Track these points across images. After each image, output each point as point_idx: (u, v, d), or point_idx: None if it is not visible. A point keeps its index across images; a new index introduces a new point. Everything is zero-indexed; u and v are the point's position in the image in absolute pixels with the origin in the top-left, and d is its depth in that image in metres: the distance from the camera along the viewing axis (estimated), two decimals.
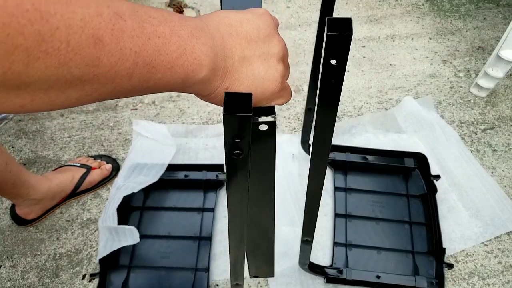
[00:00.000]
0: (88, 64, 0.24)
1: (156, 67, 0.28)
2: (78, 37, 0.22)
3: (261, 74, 0.34)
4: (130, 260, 0.99)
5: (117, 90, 0.27)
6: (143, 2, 1.65)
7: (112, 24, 0.24)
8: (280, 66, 0.36)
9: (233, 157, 0.34)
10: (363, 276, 0.95)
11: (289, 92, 0.38)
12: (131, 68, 0.26)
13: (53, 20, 0.21)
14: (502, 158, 1.20)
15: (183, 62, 0.29)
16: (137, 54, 0.26)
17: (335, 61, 0.36)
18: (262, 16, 0.36)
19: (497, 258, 1.02)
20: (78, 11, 0.22)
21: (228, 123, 0.31)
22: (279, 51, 0.36)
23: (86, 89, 0.25)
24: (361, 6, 1.65)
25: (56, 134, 1.25)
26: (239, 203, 0.41)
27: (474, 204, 1.09)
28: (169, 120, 1.28)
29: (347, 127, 1.25)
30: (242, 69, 0.33)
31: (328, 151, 0.49)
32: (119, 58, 0.25)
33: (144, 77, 0.27)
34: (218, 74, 0.32)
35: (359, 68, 1.43)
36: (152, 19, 0.27)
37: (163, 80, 0.29)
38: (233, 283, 0.64)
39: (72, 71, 0.23)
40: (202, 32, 0.31)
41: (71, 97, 0.25)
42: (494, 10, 1.64)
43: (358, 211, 1.07)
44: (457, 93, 1.36)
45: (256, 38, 0.34)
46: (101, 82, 0.25)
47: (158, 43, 0.27)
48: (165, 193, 1.10)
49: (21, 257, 1.02)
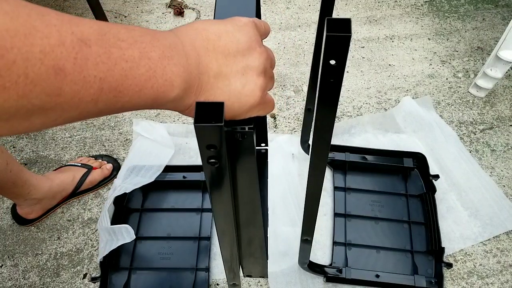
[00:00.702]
0: (50, 94, 0.23)
1: (123, 92, 0.27)
2: (38, 69, 0.22)
3: (238, 89, 0.33)
4: (131, 262, 0.99)
5: (83, 115, 0.27)
6: (143, 5, 1.66)
7: (75, 52, 0.24)
8: (260, 79, 0.35)
9: (209, 165, 0.33)
10: (363, 275, 0.96)
11: (270, 104, 0.37)
12: (95, 94, 0.25)
13: (9, 55, 0.21)
14: (501, 158, 1.21)
15: (153, 85, 0.28)
16: (102, 80, 0.25)
17: (335, 61, 0.37)
18: (243, 28, 0.34)
19: (496, 257, 1.02)
20: (37, 42, 0.22)
21: (200, 133, 0.30)
22: (259, 65, 0.34)
23: (50, 116, 0.25)
24: (361, 7, 1.66)
25: (57, 134, 1.25)
26: (223, 209, 0.41)
27: (473, 203, 1.10)
28: (170, 120, 1.28)
29: (347, 127, 1.26)
30: (218, 85, 0.33)
31: (327, 151, 0.50)
32: (82, 86, 0.24)
33: (111, 101, 0.27)
34: (192, 92, 0.32)
35: (358, 69, 1.43)
36: (121, 42, 0.27)
37: (131, 102, 0.28)
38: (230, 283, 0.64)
39: (32, 102, 0.23)
40: (175, 51, 0.30)
41: (35, 123, 0.25)
42: (493, 10, 1.64)
43: (357, 210, 1.08)
44: (456, 94, 1.37)
45: (234, 53, 0.33)
46: (65, 109, 0.25)
47: (125, 68, 0.26)
48: (163, 194, 1.10)
49: (22, 256, 1.02)
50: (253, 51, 0.34)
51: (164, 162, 1.11)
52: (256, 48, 0.35)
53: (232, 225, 0.45)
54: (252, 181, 0.41)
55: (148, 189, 1.09)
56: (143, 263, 0.99)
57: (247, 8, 0.42)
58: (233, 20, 0.35)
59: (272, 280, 0.97)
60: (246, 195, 0.43)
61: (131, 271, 0.98)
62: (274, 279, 0.96)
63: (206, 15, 1.63)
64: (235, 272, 0.59)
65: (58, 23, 0.23)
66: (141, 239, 1.02)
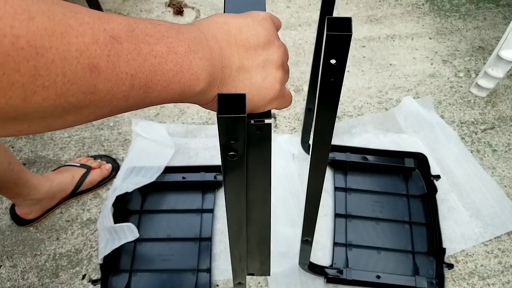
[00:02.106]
0: (85, 92, 0.24)
1: (152, 87, 0.27)
2: (74, 68, 0.22)
3: (259, 82, 0.34)
4: (131, 264, 0.98)
5: (114, 111, 0.27)
6: (143, 4, 1.65)
7: (108, 49, 0.24)
8: (279, 73, 0.35)
9: (228, 158, 0.34)
10: (363, 276, 0.95)
11: (288, 98, 0.38)
12: (127, 91, 0.26)
13: (48, 55, 0.21)
14: (502, 158, 1.20)
15: (180, 79, 0.29)
16: (133, 77, 0.26)
17: (335, 60, 0.36)
18: (262, 22, 0.35)
19: (497, 258, 1.02)
20: (73, 41, 0.22)
21: (222, 124, 0.30)
22: (278, 58, 0.35)
23: (83, 113, 0.25)
24: (361, 6, 1.65)
25: (56, 134, 1.25)
26: (237, 204, 0.41)
27: (474, 204, 1.09)
28: (169, 120, 1.28)
29: (347, 127, 1.25)
30: (239, 78, 0.33)
31: (328, 151, 0.49)
32: (115, 83, 0.25)
33: (141, 97, 0.27)
34: (215, 85, 0.32)
35: (359, 68, 1.43)
36: (149, 38, 0.27)
37: (159, 97, 0.29)
38: (235, 282, 0.63)
39: (69, 100, 0.23)
40: (200, 45, 0.30)
41: (68, 120, 0.25)
42: (494, 10, 1.64)
43: (358, 211, 1.07)
44: (457, 93, 1.36)
45: (255, 46, 0.34)
46: (98, 106, 0.25)
47: (154, 63, 0.27)
48: (163, 195, 1.10)
49: (21, 257, 1.02)
50: (272, 44, 0.35)
51: (164, 162, 1.10)
52: (274, 42, 0.35)
53: (244, 221, 0.44)
54: (266, 176, 0.41)
55: (147, 190, 1.08)
56: (144, 265, 0.99)
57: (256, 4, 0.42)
58: (252, 14, 0.35)
59: (272, 281, 0.96)
60: (258, 190, 0.43)
61: (131, 273, 0.97)
62: (274, 280, 0.96)
63: (206, 14, 1.62)
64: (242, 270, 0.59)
65: (90, 20, 0.24)
66: (141, 241, 1.02)
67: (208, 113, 1.30)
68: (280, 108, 0.37)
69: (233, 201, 0.41)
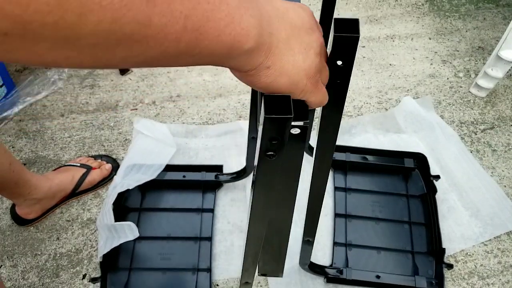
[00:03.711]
0: (140, 23, 0.23)
1: (203, 34, 0.27)
2: None
3: (300, 62, 0.34)
4: (131, 262, 0.98)
5: (163, 56, 0.27)
6: None
7: None
8: (317, 59, 0.35)
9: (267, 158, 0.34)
10: (363, 276, 0.96)
11: (323, 94, 0.38)
12: (180, 32, 0.26)
13: None
14: (502, 158, 1.20)
15: (231, 31, 0.29)
16: (186, 17, 0.26)
17: (342, 62, 0.36)
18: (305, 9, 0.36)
19: (496, 258, 1.02)
20: None
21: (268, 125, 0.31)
22: (317, 46, 0.35)
23: (133, 50, 0.25)
24: (361, 6, 1.65)
25: (57, 134, 1.24)
26: (264, 202, 0.41)
27: (474, 204, 1.10)
28: (169, 120, 1.28)
29: (347, 127, 1.25)
30: (284, 52, 0.33)
31: (332, 153, 0.49)
32: (169, 19, 0.25)
33: (192, 43, 0.27)
34: (262, 49, 0.32)
35: (359, 68, 1.43)
36: None
37: (209, 48, 0.28)
38: (243, 281, 0.63)
39: (123, 29, 0.23)
40: (250, 4, 0.30)
41: (117, 56, 0.25)
42: (494, 10, 1.64)
43: (358, 211, 1.07)
44: (457, 93, 1.36)
45: (299, 27, 0.34)
46: (150, 44, 0.25)
47: (207, 9, 0.27)
48: (162, 194, 1.09)
49: (21, 257, 1.01)
50: (314, 31, 0.36)
51: (165, 160, 1.10)
52: (316, 30, 0.36)
53: (267, 222, 0.44)
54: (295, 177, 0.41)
55: (147, 188, 1.08)
56: (143, 263, 0.99)
57: None
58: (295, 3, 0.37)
59: (272, 280, 0.96)
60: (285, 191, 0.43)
61: (131, 272, 0.97)
62: (274, 279, 0.96)
63: None
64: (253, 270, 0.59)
65: None
66: (141, 239, 1.01)
67: (208, 113, 1.30)
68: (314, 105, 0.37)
69: (261, 201, 0.41)
